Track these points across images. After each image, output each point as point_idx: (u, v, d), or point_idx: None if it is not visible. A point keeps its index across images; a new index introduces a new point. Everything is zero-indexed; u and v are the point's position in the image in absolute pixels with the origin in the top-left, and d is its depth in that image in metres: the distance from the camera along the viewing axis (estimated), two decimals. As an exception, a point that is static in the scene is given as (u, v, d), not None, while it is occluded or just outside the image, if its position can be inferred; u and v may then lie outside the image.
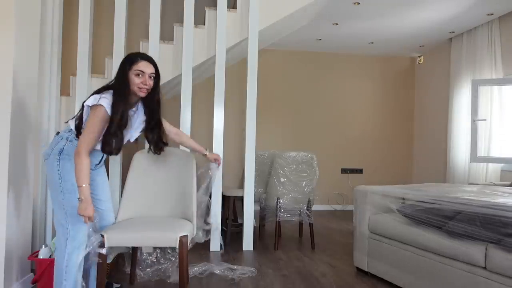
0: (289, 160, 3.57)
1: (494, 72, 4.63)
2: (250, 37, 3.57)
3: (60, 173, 1.95)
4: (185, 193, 2.48)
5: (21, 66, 2.36)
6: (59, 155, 1.95)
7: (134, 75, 2.00)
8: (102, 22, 4.02)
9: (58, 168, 1.95)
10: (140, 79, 2.00)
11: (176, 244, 2.10)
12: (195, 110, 3.78)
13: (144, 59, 2.03)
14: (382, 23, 4.89)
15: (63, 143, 1.97)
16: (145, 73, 2.01)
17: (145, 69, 2.01)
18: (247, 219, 3.57)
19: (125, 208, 2.43)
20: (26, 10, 2.43)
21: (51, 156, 1.97)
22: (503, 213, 1.93)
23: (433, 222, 2.27)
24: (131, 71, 1.99)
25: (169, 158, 2.58)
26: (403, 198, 2.69)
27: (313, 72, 6.17)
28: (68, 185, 1.96)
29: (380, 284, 2.67)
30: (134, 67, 1.99)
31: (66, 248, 1.98)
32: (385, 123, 6.36)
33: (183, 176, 2.53)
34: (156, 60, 3.38)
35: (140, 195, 2.50)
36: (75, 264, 2.00)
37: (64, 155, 1.96)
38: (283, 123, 6.04)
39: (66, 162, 1.95)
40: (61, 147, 1.96)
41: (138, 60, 2.01)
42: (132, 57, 2.04)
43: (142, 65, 2.01)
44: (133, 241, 2.17)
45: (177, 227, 2.20)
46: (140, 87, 2.01)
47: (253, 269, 2.95)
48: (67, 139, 1.99)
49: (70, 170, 1.95)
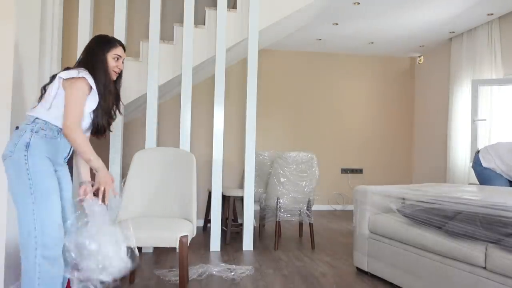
0: (289, 160, 3.57)
1: (494, 72, 4.63)
2: (250, 37, 3.57)
3: (29, 173, 1.66)
4: (185, 193, 2.48)
5: (21, 65, 2.36)
6: (26, 150, 1.66)
7: (111, 58, 2.00)
8: (102, 22, 4.02)
9: (27, 167, 1.66)
10: (116, 63, 2.02)
11: (176, 244, 2.10)
12: (195, 110, 3.78)
13: (120, 45, 2.06)
14: (382, 23, 4.89)
15: (28, 136, 1.69)
16: (120, 58, 2.04)
17: (122, 54, 2.05)
18: (247, 219, 3.57)
19: (125, 208, 2.43)
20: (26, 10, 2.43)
21: (16, 154, 1.66)
22: (503, 213, 1.93)
23: (433, 222, 2.27)
24: (109, 54, 1.99)
25: (169, 158, 2.58)
26: (403, 198, 2.69)
27: (313, 72, 6.17)
28: (41, 190, 1.67)
29: (380, 284, 2.67)
30: (113, 51, 2.00)
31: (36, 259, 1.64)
32: (385, 123, 6.36)
33: (183, 176, 2.53)
34: (156, 60, 3.44)
35: (140, 195, 2.50)
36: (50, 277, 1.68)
37: (32, 150, 1.67)
38: (283, 123, 6.04)
39: (35, 159, 1.68)
40: (26, 141, 1.68)
41: (117, 45, 2.03)
42: (111, 40, 2.04)
43: (119, 50, 2.04)
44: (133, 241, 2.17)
45: (177, 227, 2.20)
46: (115, 70, 2.03)
47: (251, 267, 2.95)
48: (31, 131, 1.71)
49: (41, 171, 1.69)
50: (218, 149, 3.51)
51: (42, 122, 1.75)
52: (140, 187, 2.51)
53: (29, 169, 1.67)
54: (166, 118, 4.63)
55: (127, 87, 3.48)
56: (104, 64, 1.96)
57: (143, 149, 2.61)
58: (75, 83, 1.77)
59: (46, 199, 1.69)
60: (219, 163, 3.49)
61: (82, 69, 1.86)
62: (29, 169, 1.67)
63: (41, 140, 1.72)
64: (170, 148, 2.54)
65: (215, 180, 3.50)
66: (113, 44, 2.02)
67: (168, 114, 4.69)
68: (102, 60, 1.96)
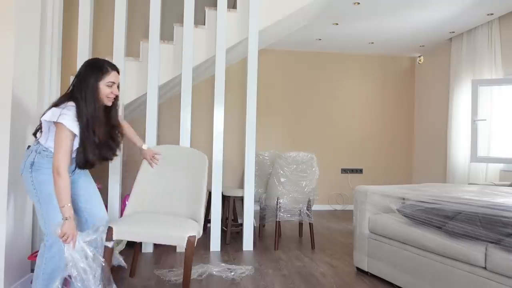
0: (289, 160, 3.57)
1: (494, 72, 4.63)
2: (250, 37, 3.57)
3: (34, 185, 1.95)
4: (194, 193, 2.50)
5: (21, 66, 2.36)
6: (31, 168, 1.95)
7: (104, 86, 1.96)
8: (102, 22, 4.02)
9: (32, 180, 1.95)
10: (110, 89, 1.98)
11: (184, 243, 2.12)
12: (195, 110, 3.78)
13: (114, 69, 2.00)
14: (382, 23, 4.89)
15: (33, 156, 1.96)
16: (115, 83, 2.00)
17: (116, 80, 2.00)
18: (247, 219, 3.57)
19: (134, 202, 2.43)
20: (26, 10, 2.43)
21: (24, 170, 1.98)
22: (503, 213, 1.93)
23: (433, 222, 2.27)
24: (102, 81, 1.95)
25: (182, 158, 2.58)
26: (403, 198, 2.69)
27: (313, 72, 6.17)
28: (44, 195, 1.96)
29: (380, 284, 2.67)
30: (106, 78, 1.96)
31: (44, 253, 1.99)
32: (385, 123, 6.36)
33: (194, 177, 2.54)
34: (156, 60, 3.44)
35: (149, 191, 2.49)
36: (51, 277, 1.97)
37: (36, 168, 1.95)
38: (283, 123, 6.04)
39: (38, 174, 1.95)
40: (31, 160, 1.96)
41: (109, 70, 1.97)
42: (102, 66, 1.98)
43: (113, 76, 1.98)
44: (141, 236, 2.18)
45: (186, 226, 2.22)
46: (109, 97, 1.99)
47: (251, 267, 2.95)
48: (35, 151, 1.97)
49: (43, 180, 1.95)
50: (218, 149, 3.51)
51: (43, 146, 1.98)
52: (150, 183, 2.50)
53: (33, 180, 1.95)
54: (166, 118, 4.63)
55: (127, 87, 3.48)
56: (95, 93, 1.93)
57: (159, 145, 2.59)
58: (58, 127, 1.88)
59: (48, 203, 1.96)
60: (219, 163, 3.49)
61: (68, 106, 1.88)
62: (33, 180, 1.95)
63: (44, 159, 1.96)
64: (185, 147, 2.55)
65: (215, 180, 3.50)
66: (105, 70, 1.97)
67: (168, 114, 4.69)
68: (93, 89, 1.93)
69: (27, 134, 2.48)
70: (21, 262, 2.45)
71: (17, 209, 2.37)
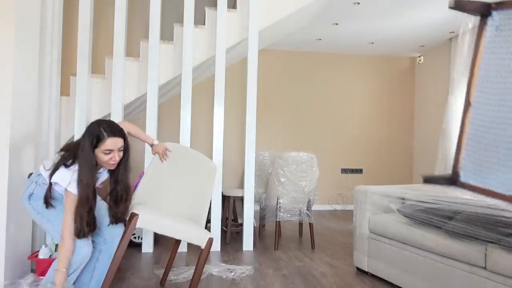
0: (289, 160, 3.57)
1: (494, 72, 4.62)
2: (250, 37, 3.57)
3: (36, 211, 1.96)
4: (199, 197, 2.52)
5: (21, 66, 2.36)
6: (29, 199, 1.96)
7: (101, 153, 1.84)
8: (102, 22, 4.02)
9: (33, 207, 1.97)
10: (109, 156, 1.86)
11: (203, 244, 2.18)
12: (195, 110, 3.78)
13: (112, 136, 1.84)
14: (382, 23, 4.89)
15: (32, 187, 1.97)
16: (114, 150, 1.86)
17: (114, 147, 1.85)
18: (247, 219, 3.57)
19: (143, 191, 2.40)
20: (26, 10, 2.42)
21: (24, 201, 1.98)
22: (503, 213, 1.93)
23: (433, 222, 2.27)
24: (98, 149, 1.84)
25: (192, 162, 2.58)
26: (403, 198, 2.69)
27: (313, 72, 6.17)
28: (51, 214, 1.95)
29: (380, 284, 2.67)
30: (101, 147, 1.83)
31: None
32: (385, 123, 6.36)
33: (201, 183, 2.55)
34: (156, 60, 3.44)
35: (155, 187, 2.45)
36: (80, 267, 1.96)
37: (34, 199, 1.96)
38: (283, 123, 6.04)
39: (38, 202, 1.94)
40: (30, 192, 1.96)
41: (105, 138, 1.82)
42: (98, 134, 1.83)
43: (110, 144, 1.83)
44: (166, 229, 2.15)
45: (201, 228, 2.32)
46: (110, 163, 1.89)
47: (251, 267, 2.95)
48: (36, 182, 1.97)
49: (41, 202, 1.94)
50: (218, 149, 3.51)
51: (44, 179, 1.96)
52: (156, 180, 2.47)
53: (34, 208, 1.97)
54: (166, 118, 4.63)
55: (127, 87, 3.48)
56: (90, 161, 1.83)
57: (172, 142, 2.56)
58: (66, 194, 1.87)
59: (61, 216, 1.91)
60: (219, 163, 3.49)
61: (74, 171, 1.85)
62: (34, 208, 1.97)
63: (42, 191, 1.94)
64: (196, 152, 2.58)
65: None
66: (102, 138, 1.82)
67: (168, 114, 4.69)
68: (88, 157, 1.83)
69: (27, 134, 2.48)
70: (21, 262, 2.45)
71: (17, 209, 2.37)
